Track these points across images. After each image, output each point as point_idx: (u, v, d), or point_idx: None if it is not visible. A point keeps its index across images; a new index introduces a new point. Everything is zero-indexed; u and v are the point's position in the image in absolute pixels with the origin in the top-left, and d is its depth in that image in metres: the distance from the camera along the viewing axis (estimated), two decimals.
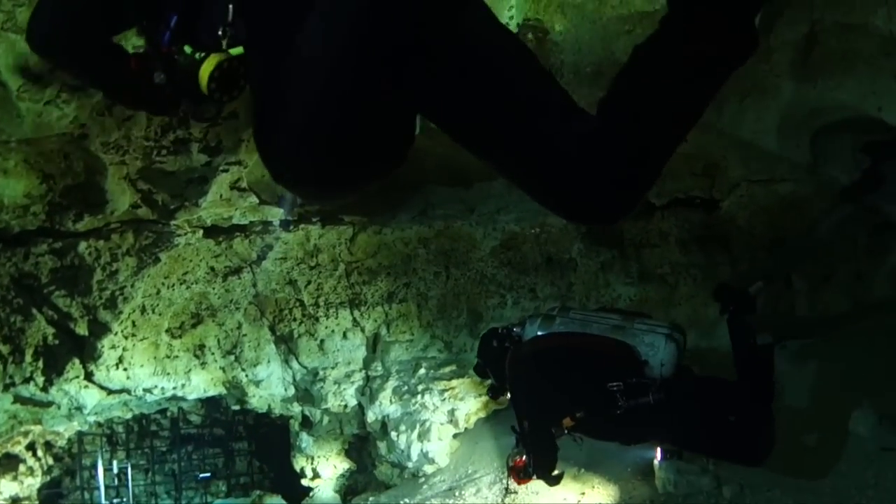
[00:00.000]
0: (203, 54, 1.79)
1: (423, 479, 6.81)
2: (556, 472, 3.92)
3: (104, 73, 2.15)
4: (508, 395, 4.01)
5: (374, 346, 7.17)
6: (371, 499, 6.74)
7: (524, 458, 3.88)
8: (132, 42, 2.38)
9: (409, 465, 6.93)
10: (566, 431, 3.66)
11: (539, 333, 3.72)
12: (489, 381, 4.30)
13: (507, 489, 5.87)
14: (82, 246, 5.34)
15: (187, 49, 1.82)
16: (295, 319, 6.88)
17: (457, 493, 6.14)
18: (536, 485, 6.04)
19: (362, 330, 7.05)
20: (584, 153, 1.63)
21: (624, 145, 1.60)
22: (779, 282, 6.05)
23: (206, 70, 1.76)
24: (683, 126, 1.61)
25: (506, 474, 4.17)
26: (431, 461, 6.86)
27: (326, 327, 6.91)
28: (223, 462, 9.07)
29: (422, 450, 6.83)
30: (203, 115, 2.31)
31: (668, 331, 3.48)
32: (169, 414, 8.77)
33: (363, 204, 6.46)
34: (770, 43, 4.68)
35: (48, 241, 5.30)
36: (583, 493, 5.61)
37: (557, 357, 3.64)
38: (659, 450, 5.50)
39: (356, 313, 7.00)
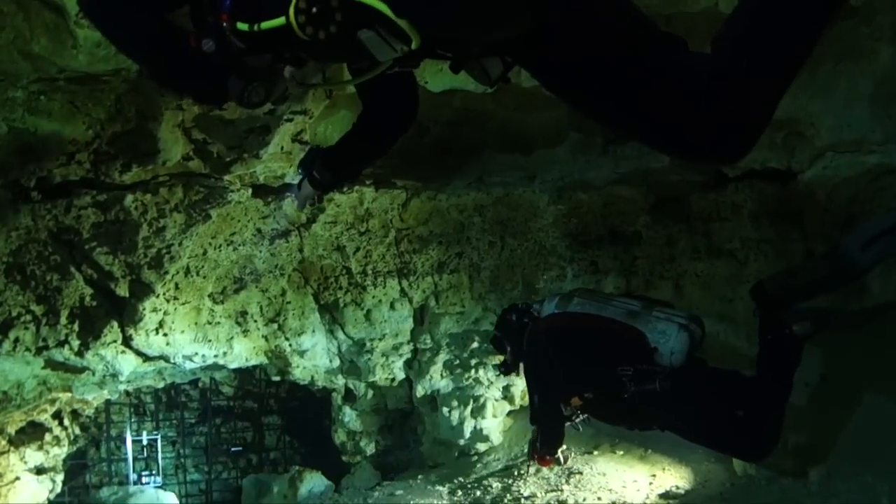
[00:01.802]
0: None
1: (475, 458, 6.48)
2: (562, 450, 3.88)
3: (158, 48, 1.97)
4: (520, 371, 4.03)
5: (422, 318, 6.83)
6: (420, 476, 6.40)
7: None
8: None
9: (461, 442, 6.59)
10: (576, 411, 3.65)
11: (555, 311, 3.72)
12: (503, 357, 4.20)
13: (570, 470, 5.56)
14: (128, 199, 4.95)
15: (242, 26, 1.70)
16: (341, 288, 6.53)
17: (515, 473, 5.82)
18: (604, 466, 5.77)
19: (410, 301, 6.70)
20: (712, 88, 1.64)
21: (748, 81, 1.62)
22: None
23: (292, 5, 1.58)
24: (800, 59, 1.65)
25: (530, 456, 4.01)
26: (485, 439, 6.53)
27: (374, 297, 6.56)
28: (252, 436, 8.75)
29: (475, 426, 6.50)
30: (251, 99, 2.01)
31: (683, 321, 3.42)
32: (200, 385, 8.43)
33: (417, 168, 6.08)
34: (874, 3, 4.31)
35: (92, 193, 4.92)
36: (653, 475, 5.29)
37: (569, 336, 3.64)
38: None
39: (404, 283, 6.65)
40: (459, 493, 5.81)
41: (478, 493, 5.64)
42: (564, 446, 3.86)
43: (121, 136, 4.58)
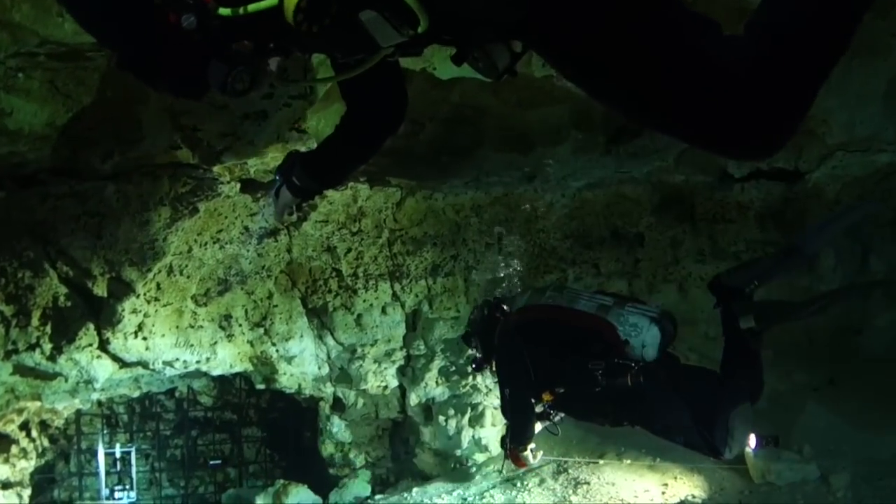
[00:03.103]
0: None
1: (474, 469, 6.17)
2: (531, 448, 3.77)
3: (129, 22, 1.68)
4: (493, 367, 3.93)
5: (415, 323, 6.53)
6: (415, 489, 6.07)
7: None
8: None
9: (458, 452, 6.29)
10: (548, 406, 3.63)
11: (526, 305, 3.69)
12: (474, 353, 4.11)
13: (576, 481, 5.29)
14: (110, 189, 4.61)
15: (224, 11, 1.55)
16: (330, 291, 6.21)
17: (518, 485, 5.54)
18: (611, 475, 5.52)
19: (402, 305, 6.41)
20: (748, 73, 1.51)
21: (788, 66, 1.51)
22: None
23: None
24: (841, 46, 1.53)
25: (505, 455, 3.94)
26: (484, 449, 6.24)
27: (365, 301, 6.26)
28: (230, 449, 8.32)
29: (473, 436, 6.20)
30: (234, 86, 1.76)
31: (655, 315, 3.36)
32: (177, 394, 8.00)
33: (411, 167, 5.82)
34: None
35: (70, 183, 4.56)
36: (665, 485, 5.06)
37: (541, 329, 3.56)
38: (753, 437, 5.00)
39: (397, 287, 6.36)
40: None
41: None
42: (534, 445, 3.75)
43: (104, 120, 4.25)
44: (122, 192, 4.64)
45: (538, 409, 3.70)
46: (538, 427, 3.78)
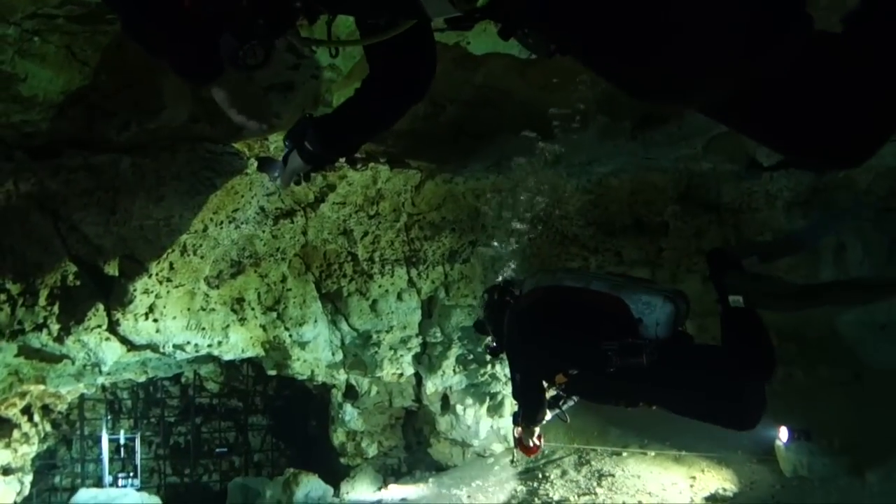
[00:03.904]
0: None
1: (492, 459, 6.02)
2: (537, 433, 3.75)
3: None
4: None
5: (430, 310, 6.37)
6: (431, 479, 5.91)
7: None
8: None
9: (476, 442, 6.12)
10: (561, 389, 3.53)
11: (537, 287, 3.55)
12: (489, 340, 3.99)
13: (600, 472, 5.15)
14: (125, 162, 4.41)
15: None
16: (345, 276, 6.04)
17: (539, 476, 5.38)
18: (636, 468, 5.38)
19: (418, 291, 6.25)
20: (846, 73, 1.38)
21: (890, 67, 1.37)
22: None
23: None
24: None
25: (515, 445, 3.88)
26: (503, 439, 6.08)
27: (380, 286, 6.09)
28: (235, 437, 8.14)
29: (492, 426, 6.04)
30: (246, 60, 1.60)
31: (667, 292, 3.26)
32: (183, 380, 7.80)
33: (431, 150, 5.65)
34: None
35: (84, 155, 4.36)
36: (693, 477, 4.92)
37: (552, 310, 3.45)
38: (784, 430, 4.89)
39: (413, 272, 6.20)
40: (480, 497, 5.35)
41: (501, 497, 5.20)
42: (538, 430, 3.71)
43: (121, 89, 4.06)
44: (139, 165, 4.44)
45: (552, 392, 3.63)
46: (549, 415, 3.72)
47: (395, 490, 5.95)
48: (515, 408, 3.83)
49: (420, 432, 6.79)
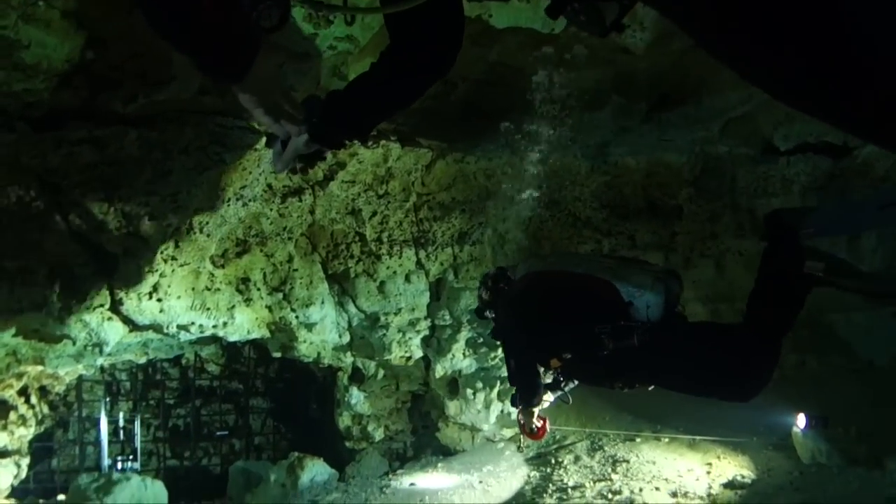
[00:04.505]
0: None
1: (501, 445, 5.92)
2: (537, 415, 3.78)
3: None
4: None
5: (438, 292, 6.25)
6: (440, 464, 5.81)
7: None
8: None
9: (485, 427, 6.03)
10: (557, 372, 3.59)
11: (528, 272, 3.58)
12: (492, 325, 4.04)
13: (614, 458, 5.06)
14: (131, 136, 4.23)
15: None
16: (352, 256, 5.90)
17: (552, 462, 5.29)
18: (650, 453, 5.30)
19: (426, 273, 6.12)
20: None
21: None
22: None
23: None
24: None
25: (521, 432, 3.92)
26: (513, 424, 5.98)
27: (388, 267, 5.95)
28: (234, 420, 8.01)
29: (502, 410, 5.95)
30: (260, 22, 1.56)
31: (658, 274, 3.28)
32: (184, 362, 7.65)
33: (441, 129, 5.51)
34: None
35: (88, 127, 4.18)
36: (709, 464, 4.84)
37: (544, 295, 3.47)
38: (802, 416, 4.82)
39: (421, 254, 6.07)
40: (493, 481, 5.25)
41: (514, 483, 5.11)
42: (537, 412, 3.74)
43: (129, 58, 3.88)
44: (145, 139, 4.27)
45: (549, 377, 3.67)
46: (551, 397, 3.74)
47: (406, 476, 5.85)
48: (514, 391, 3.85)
49: (427, 416, 6.69)
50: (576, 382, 3.75)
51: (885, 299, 3.33)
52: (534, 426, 3.77)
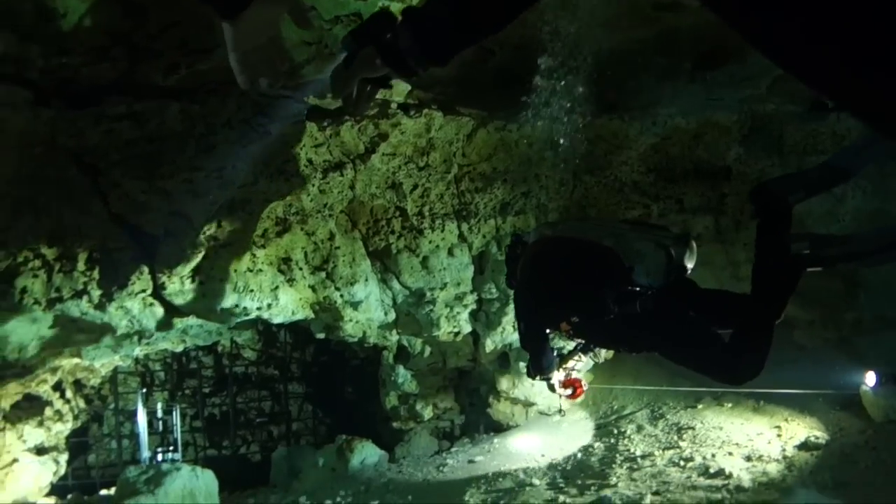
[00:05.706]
0: None
1: (557, 417, 5.77)
2: (551, 380, 3.84)
3: None
4: None
5: (481, 265, 6.07)
6: (496, 439, 5.66)
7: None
8: None
9: (539, 401, 5.87)
10: (567, 335, 3.55)
11: (539, 238, 3.63)
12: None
13: (678, 426, 4.91)
14: (173, 109, 4.04)
15: None
16: (393, 232, 5.72)
17: (614, 432, 5.14)
18: (714, 419, 5.15)
19: (469, 246, 5.94)
20: None
21: None
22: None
23: None
24: None
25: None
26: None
27: (430, 242, 5.77)
28: (271, 406, 7.86)
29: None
30: None
31: (662, 239, 3.27)
32: (219, 349, 7.48)
33: (480, 97, 5.31)
34: None
35: (128, 102, 3.98)
36: (778, 427, 4.69)
37: (551, 261, 3.51)
38: (871, 374, 4.67)
39: (464, 227, 5.88)
40: (557, 454, 5.10)
41: (579, 455, 4.95)
42: (556, 378, 3.81)
43: (169, 26, 3.68)
44: (187, 112, 4.08)
45: (571, 344, 3.73)
46: (584, 359, 3.81)
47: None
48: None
49: (475, 392, 6.53)
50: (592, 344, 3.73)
51: (874, 256, 3.21)
52: (561, 389, 3.82)
